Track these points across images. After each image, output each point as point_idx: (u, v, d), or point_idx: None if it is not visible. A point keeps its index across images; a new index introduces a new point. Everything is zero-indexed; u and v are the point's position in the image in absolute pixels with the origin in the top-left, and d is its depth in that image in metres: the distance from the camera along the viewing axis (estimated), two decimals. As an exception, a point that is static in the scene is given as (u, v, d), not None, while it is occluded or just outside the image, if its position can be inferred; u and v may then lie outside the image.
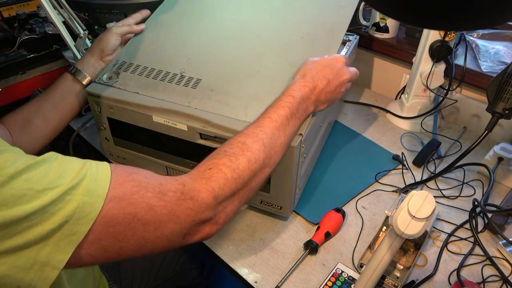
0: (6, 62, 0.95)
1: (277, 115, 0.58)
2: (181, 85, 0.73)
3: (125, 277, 0.86)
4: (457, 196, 0.82)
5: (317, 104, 0.65)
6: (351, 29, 1.13)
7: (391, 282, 0.65)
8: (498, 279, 0.66)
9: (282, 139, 0.57)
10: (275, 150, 0.56)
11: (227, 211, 0.51)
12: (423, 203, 0.53)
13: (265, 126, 0.56)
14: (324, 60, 0.67)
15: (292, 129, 0.59)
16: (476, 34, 1.07)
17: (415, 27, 1.05)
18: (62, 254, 0.39)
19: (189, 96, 0.71)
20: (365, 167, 0.89)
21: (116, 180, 0.43)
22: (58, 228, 0.38)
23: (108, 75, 0.77)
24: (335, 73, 0.66)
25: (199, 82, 0.73)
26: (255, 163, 0.53)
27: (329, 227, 0.72)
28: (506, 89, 0.70)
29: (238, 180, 0.51)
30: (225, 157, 0.51)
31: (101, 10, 1.07)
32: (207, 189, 0.48)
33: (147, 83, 0.74)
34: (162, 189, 0.46)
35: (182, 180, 0.48)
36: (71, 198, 0.38)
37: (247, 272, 0.68)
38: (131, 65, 0.78)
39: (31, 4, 1.20)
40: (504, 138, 0.97)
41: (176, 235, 0.47)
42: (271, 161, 0.56)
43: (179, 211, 0.46)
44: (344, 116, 1.06)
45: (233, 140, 0.55)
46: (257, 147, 0.53)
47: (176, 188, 0.46)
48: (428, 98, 0.98)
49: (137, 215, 0.43)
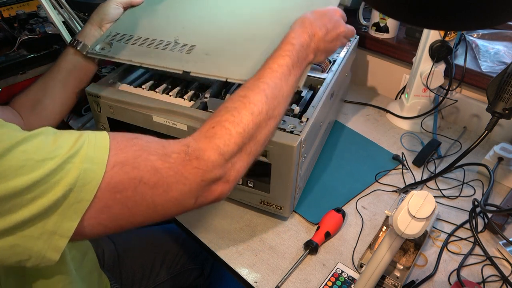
0: (6, 62, 0.95)
1: (278, 64, 0.56)
2: (176, 51, 0.71)
3: (125, 276, 0.86)
4: (457, 196, 0.82)
5: (317, 52, 0.63)
6: (351, 29, 1.13)
7: (391, 282, 0.65)
8: (498, 279, 0.66)
9: (284, 89, 0.55)
10: (279, 101, 0.54)
11: (237, 168, 0.50)
12: (423, 203, 0.53)
13: (266, 77, 0.54)
14: (321, 10, 0.65)
15: (293, 78, 0.57)
16: (476, 34, 1.07)
17: (415, 27, 1.05)
18: (69, 222, 0.39)
19: (183, 60, 0.69)
20: (365, 167, 0.89)
21: (117, 146, 0.42)
22: (63, 198, 0.38)
23: (101, 45, 0.74)
24: (333, 23, 0.64)
25: (194, 47, 0.71)
26: (259, 115, 0.51)
27: (329, 227, 0.72)
28: (506, 89, 0.70)
29: (243, 134, 0.49)
30: (227, 113, 0.50)
31: (101, 10, 1.07)
32: (212, 147, 0.47)
33: (141, 51, 0.73)
34: (165, 151, 0.45)
35: (186, 142, 0.47)
36: (72, 167, 0.38)
37: (247, 272, 0.68)
38: (125, 36, 0.76)
39: (31, 4, 1.20)
40: (504, 138, 0.97)
41: (187, 197, 0.46)
42: (275, 112, 0.54)
43: (186, 172, 0.45)
44: (344, 116, 1.06)
45: (234, 95, 0.53)
46: (259, 98, 0.52)
47: (180, 149, 0.46)
48: (428, 98, 0.98)
49: (143, 178, 0.42)
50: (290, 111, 0.73)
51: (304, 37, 0.60)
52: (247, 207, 0.79)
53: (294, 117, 0.72)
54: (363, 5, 1.13)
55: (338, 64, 0.87)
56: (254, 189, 0.73)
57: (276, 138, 0.64)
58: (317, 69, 0.85)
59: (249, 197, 0.76)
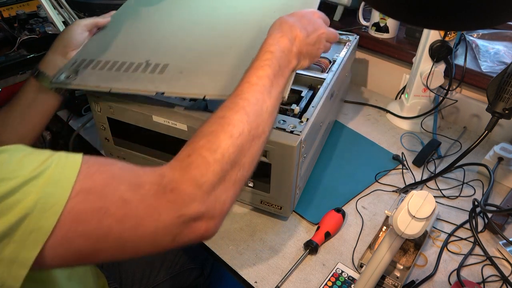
0: (6, 62, 0.95)
1: (257, 77, 0.51)
2: (147, 73, 0.67)
3: (125, 276, 0.86)
4: (457, 196, 0.82)
5: (300, 57, 0.57)
6: (351, 29, 1.13)
7: (391, 282, 0.65)
8: (498, 279, 0.66)
9: (268, 103, 0.50)
10: (262, 118, 0.49)
11: (222, 200, 0.45)
12: (423, 203, 0.53)
13: (245, 93, 0.49)
14: (299, 11, 0.60)
15: (277, 89, 0.52)
16: (476, 34, 1.07)
17: (415, 27, 1.05)
18: (28, 252, 0.35)
19: (156, 81, 0.65)
20: (365, 167, 0.89)
21: (87, 171, 0.38)
22: (19, 222, 0.34)
23: (66, 74, 0.69)
24: (313, 25, 0.59)
25: (167, 66, 0.67)
26: (239, 137, 0.46)
27: (329, 227, 0.72)
28: (506, 89, 0.70)
29: (223, 161, 0.44)
30: (203, 139, 0.45)
31: (101, 10, 1.07)
32: (188, 178, 0.42)
33: (110, 76, 0.67)
34: (138, 181, 0.41)
35: (162, 171, 0.43)
36: (32, 190, 0.35)
37: (247, 272, 0.68)
38: (92, 61, 0.71)
39: (31, 4, 1.20)
40: (504, 138, 0.97)
41: (162, 234, 0.41)
42: (260, 130, 0.49)
43: (159, 206, 0.40)
44: (344, 116, 1.06)
45: (212, 116, 0.48)
46: (239, 118, 0.47)
47: (154, 180, 0.41)
48: (428, 98, 0.98)
49: (109, 210, 0.38)
50: (290, 111, 0.73)
51: (284, 41, 0.55)
52: (247, 207, 0.79)
53: (294, 117, 0.71)
54: (363, 5, 1.13)
55: (338, 64, 0.87)
56: (254, 189, 0.73)
57: (276, 138, 0.64)
58: (317, 69, 0.85)
59: (249, 197, 0.76)
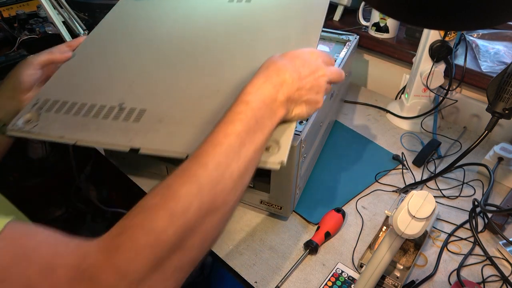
0: (6, 62, 0.95)
1: (224, 134, 0.42)
2: (120, 120, 0.56)
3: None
4: (457, 196, 0.82)
5: (289, 105, 0.48)
6: (351, 29, 1.13)
7: (391, 282, 0.65)
8: (498, 279, 0.66)
9: (233, 168, 0.41)
10: (223, 187, 0.40)
11: None
12: (423, 203, 0.53)
13: (204, 156, 0.41)
14: (293, 51, 0.51)
15: (252, 148, 0.43)
16: (476, 34, 1.07)
17: (415, 27, 1.05)
18: None
19: (130, 132, 0.54)
20: (365, 167, 0.89)
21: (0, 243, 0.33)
22: None
23: (24, 119, 0.59)
24: (308, 66, 0.50)
25: (143, 113, 0.57)
26: (183, 215, 0.37)
27: (329, 227, 0.72)
28: (506, 89, 0.70)
29: (157, 245, 0.36)
30: (139, 214, 0.37)
31: (101, 10, 1.07)
32: (111, 264, 0.34)
33: (76, 122, 0.58)
34: (53, 262, 0.34)
35: (86, 250, 0.35)
36: None
37: (247, 272, 0.68)
38: (56, 103, 0.61)
39: (31, 4, 1.20)
40: (504, 138, 0.97)
41: None
42: (217, 203, 0.40)
43: None
44: (344, 116, 1.06)
45: (162, 183, 0.40)
46: (186, 190, 0.38)
47: (73, 261, 0.34)
48: (428, 98, 0.98)
49: None
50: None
51: (267, 89, 0.46)
52: (247, 207, 0.79)
53: (294, 117, 0.71)
54: (363, 5, 1.14)
55: (338, 64, 0.87)
56: (254, 189, 0.73)
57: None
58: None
59: (249, 197, 0.76)
